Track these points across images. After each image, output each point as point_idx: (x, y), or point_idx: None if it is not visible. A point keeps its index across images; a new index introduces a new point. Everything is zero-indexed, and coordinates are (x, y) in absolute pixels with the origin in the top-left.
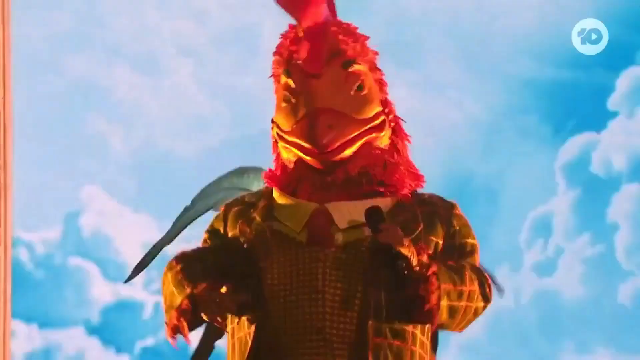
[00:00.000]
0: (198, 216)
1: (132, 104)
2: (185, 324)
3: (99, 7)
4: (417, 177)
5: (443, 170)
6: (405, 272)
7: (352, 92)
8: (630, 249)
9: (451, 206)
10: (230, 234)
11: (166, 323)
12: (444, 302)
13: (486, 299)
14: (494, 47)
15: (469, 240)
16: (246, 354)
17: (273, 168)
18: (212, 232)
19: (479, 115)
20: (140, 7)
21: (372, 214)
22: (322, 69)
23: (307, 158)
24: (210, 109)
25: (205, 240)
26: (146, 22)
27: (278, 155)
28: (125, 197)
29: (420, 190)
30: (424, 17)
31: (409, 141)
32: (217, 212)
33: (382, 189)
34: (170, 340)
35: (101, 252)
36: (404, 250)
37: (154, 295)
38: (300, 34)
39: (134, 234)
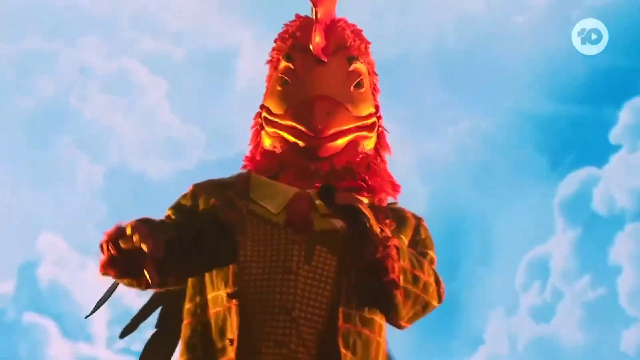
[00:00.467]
0: None
1: (102, 126)
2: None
3: (69, 26)
4: (395, 186)
5: (433, 208)
6: (368, 230)
7: (351, 88)
8: (634, 292)
9: (419, 217)
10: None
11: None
12: (401, 279)
13: (439, 299)
14: (487, 76)
15: (430, 252)
16: (229, 328)
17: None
18: (177, 208)
19: (471, 148)
20: (111, 26)
21: (326, 189)
22: (327, 52)
23: (299, 141)
24: (184, 130)
25: (168, 217)
26: (118, 41)
27: (257, 145)
28: (88, 244)
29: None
30: (414, 49)
31: (389, 153)
32: (185, 192)
33: (362, 187)
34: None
35: (60, 306)
36: (363, 209)
37: (119, 354)
38: (315, 19)
39: (96, 286)
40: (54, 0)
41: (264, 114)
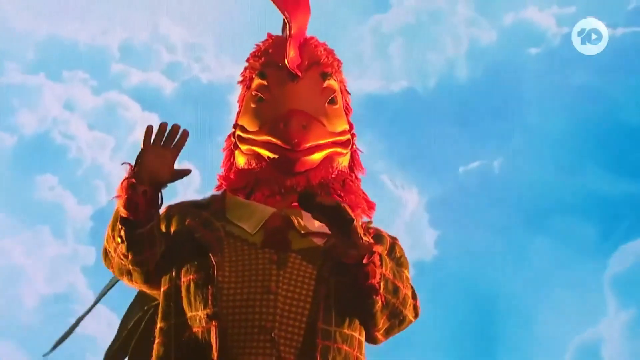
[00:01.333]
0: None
1: (90, 165)
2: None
3: (52, 58)
4: (370, 203)
5: (463, 285)
6: (352, 230)
7: (325, 103)
8: None
9: (394, 237)
10: (173, 230)
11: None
12: (380, 289)
13: (416, 315)
14: (501, 112)
15: (405, 272)
16: (209, 350)
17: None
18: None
19: (506, 216)
20: (98, 58)
21: (306, 195)
22: (300, 69)
23: (274, 155)
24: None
25: None
26: (106, 74)
27: (230, 165)
28: (74, 292)
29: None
30: (421, 83)
31: (363, 173)
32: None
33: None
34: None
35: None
36: (348, 209)
37: None
38: (288, 35)
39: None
40: (36, 31)
41: (237, 132)
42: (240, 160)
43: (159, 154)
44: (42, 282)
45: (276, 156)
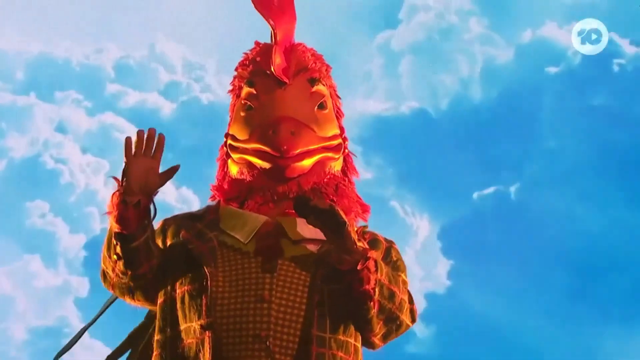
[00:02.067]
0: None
1: (83, 191)
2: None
3: (44, 77)
4: (364, 206)
5: (478, 319)
6: (346, 235)
7: (314, 109)
8: None
9: (391, 241)
10: (169, 243)
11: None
12: (377, 292)
13: (413, 319)
14: (517, 135)
15: (402, 275)
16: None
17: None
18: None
19: (524, 245)
20: (93, 77)
21: (301, 200)
22: (288, 76)
23: (265, 163)
24: (176, 194)
25: None
26: (100, 94)
27: (224, 175)
28: (67, 325)
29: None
30: (433, 105)
31: (357, 176)
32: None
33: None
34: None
35: None
36: (342, 213)
37: None
38: (274, 42)
39: None
40: (26, 49)
41: (229, 141)
42: (233, 169)
43: (143, 162)
44: (32, 315)
45: (266, 163)
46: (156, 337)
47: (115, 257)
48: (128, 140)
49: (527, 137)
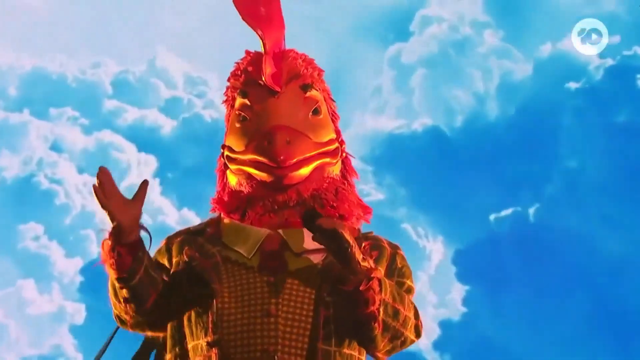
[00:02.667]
0: None
1: (79, 212)
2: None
3: (39, 93)
4: (366, 209)
5: (495, 349)
6: (350, 257)
7: (309, 115)
8: None
9: (396, 246)
10: (175, 261)
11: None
12: (381, 311)
13: (417, 334)
14: (535, 153)
15: (408, 282)
16: None
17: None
18: (157, 265)
19: (543, 269)
20: (90, 93)
21: (310, 215)
22: (280, 84)
23: (262, 174)
24: (178, 217)
25: None
26: (98, 110)
27: (224, 186)
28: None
29: (364, 231)
30: (447, 122)
31: (357, 177)
32: (159, 246)
33: (334, 215)
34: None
35: None
36: (346, 235)
37: None
38: (264, 51)
39: None
40: (19, 64)
41: (226, 153)
42: (232, 180)
43: (117, 198)
44: (25, 343)
45: (264, 174)
46: (167, 356)
47: (123, 300)
48: (95, 187)
49: (546, 156)
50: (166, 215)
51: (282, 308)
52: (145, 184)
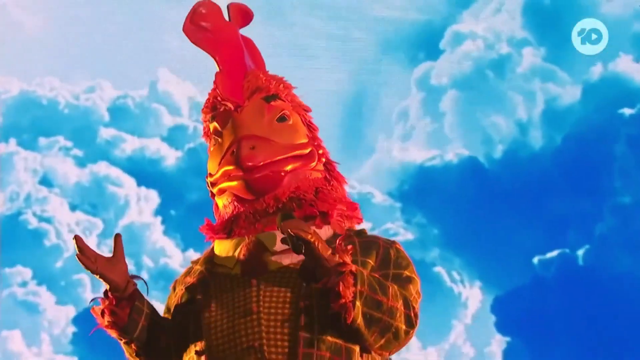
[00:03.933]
0: None
1: (70, 255)
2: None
3: (27, 121)
4: (352, 206)
5: None
6: (317, 258)
7: (274, 121)
8: None
9: (392, 242)
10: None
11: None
12: (359, 304)
13: (410, 324)
14: (584, 187)
15: (406, 272)
16: None
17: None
18: (166, 311)
19: (594, 318)
20: (84, 121)
21: (282, 217)
22: (243, 100)
23: (233, 183)
24: (181, 259)
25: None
26: (93, 140)
27: (218, 214)
28: None
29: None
30: (485, 151)
31: (345, 183)
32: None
33: (314, 214)
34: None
35: None
36: (304, 234)
37: None
38: (220, 71)
39: None
40: (5, 88)
41: (208, 179)
42: (220, 204)
43: (101, 259)
44: None
45: (235, 183)
46: None
47: (136, 355)
48: (79, 257)
49: (597, 190)
50: (169, 258)
51: (263, 305)
52: (118, 237)
